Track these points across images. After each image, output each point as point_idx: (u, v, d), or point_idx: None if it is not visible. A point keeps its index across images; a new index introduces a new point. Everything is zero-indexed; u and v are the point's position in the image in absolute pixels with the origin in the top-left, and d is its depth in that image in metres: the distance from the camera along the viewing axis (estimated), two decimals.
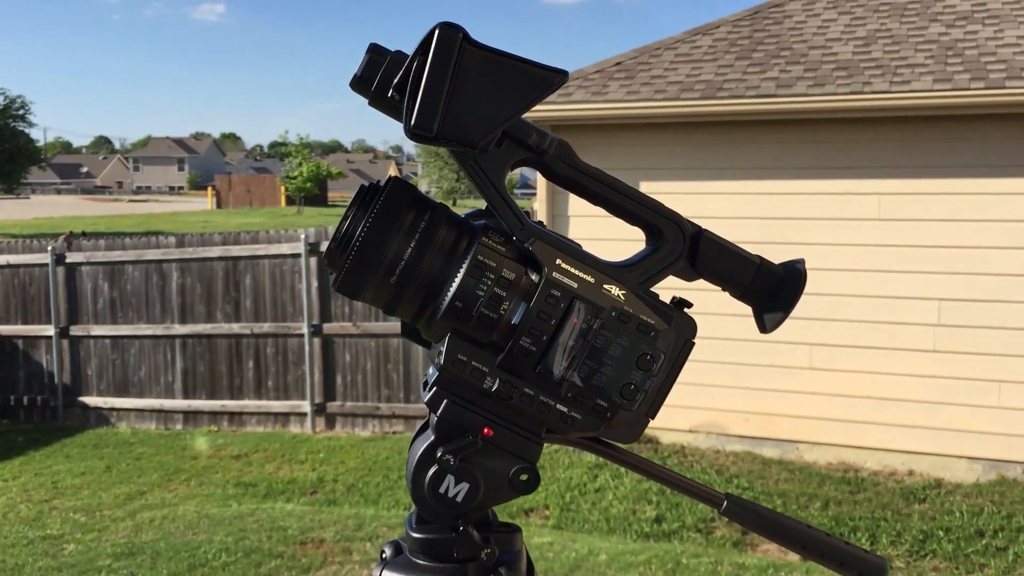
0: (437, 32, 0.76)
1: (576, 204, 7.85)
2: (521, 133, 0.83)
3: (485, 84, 0.77)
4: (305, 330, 9.33)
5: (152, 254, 9.89)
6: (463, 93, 0.76)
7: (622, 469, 7.23)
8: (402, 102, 0.78)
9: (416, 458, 0.85)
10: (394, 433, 9.16)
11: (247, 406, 9.69)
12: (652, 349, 0.83)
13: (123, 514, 7.02)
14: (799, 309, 0.85)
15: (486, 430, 0.83)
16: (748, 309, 0.90)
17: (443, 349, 0.82)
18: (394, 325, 9.03)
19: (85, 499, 7.52)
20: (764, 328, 0.88)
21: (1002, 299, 6.86)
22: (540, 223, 0.85)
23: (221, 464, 8.48)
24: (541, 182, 8.17)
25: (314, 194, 54.08)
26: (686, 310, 0.86)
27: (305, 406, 9.45)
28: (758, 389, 7.46)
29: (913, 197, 7.10)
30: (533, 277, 0.82)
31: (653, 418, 0.86)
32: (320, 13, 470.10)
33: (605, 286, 0.83)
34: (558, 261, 0.82)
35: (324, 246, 9.17)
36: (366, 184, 0.85)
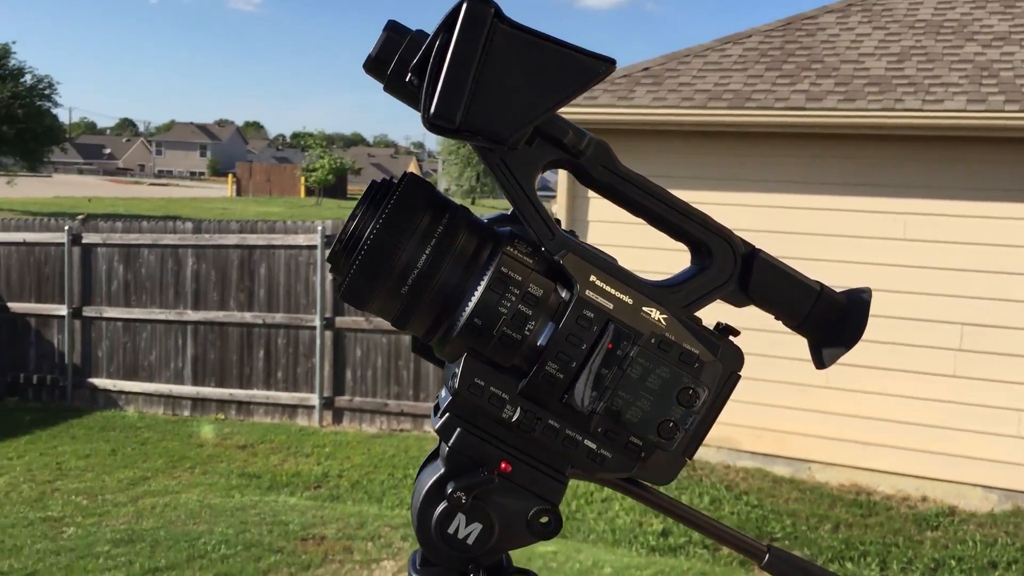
0: (464, 6, 0.65)
1: (597, 209, 7.75)
2: (556, 130, 0.72)
3: (519, 70, 0.67)
4: (317, 323, 9.26)
5: (168, 239, 9.85)
6: (492, 79, 0.66)
7: None
8: (421, 87, 0.67)
9: (424, 492, 0.75)
10: (401, 431, 9.08)
11: (255, 396, 9.64)
12: (695, 383, 0.73)
13: (125, 499, 6.97)
14: None
15: (503, 465, 0.74)
16: (768, 322, 0.80)
17: (458, 371, 0.72)
18: None
19: (88, 482, 7.47)
20: (821, 364, 0.78)
21: None
22: (571, 232, 0.75)
23: (226, 453, 8.43)
24: (562, 185, 8.07)
25: (333, 185, 54.22)
26: (732, 338, 0.76)
27: (313, 399, 9.39)
28: (771, 405, 7.33)
29: (940, 219, 6.97)
30: (563, 294, 0.72)
31: (691, 458, 0.76)
32: (354, 6, 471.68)
33: (644, 309, 0.73)
34: (592, 278, 0.72)
35: None
36: (377, 180, 0.75)
